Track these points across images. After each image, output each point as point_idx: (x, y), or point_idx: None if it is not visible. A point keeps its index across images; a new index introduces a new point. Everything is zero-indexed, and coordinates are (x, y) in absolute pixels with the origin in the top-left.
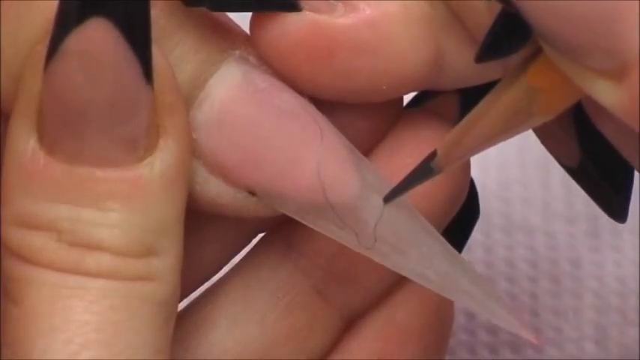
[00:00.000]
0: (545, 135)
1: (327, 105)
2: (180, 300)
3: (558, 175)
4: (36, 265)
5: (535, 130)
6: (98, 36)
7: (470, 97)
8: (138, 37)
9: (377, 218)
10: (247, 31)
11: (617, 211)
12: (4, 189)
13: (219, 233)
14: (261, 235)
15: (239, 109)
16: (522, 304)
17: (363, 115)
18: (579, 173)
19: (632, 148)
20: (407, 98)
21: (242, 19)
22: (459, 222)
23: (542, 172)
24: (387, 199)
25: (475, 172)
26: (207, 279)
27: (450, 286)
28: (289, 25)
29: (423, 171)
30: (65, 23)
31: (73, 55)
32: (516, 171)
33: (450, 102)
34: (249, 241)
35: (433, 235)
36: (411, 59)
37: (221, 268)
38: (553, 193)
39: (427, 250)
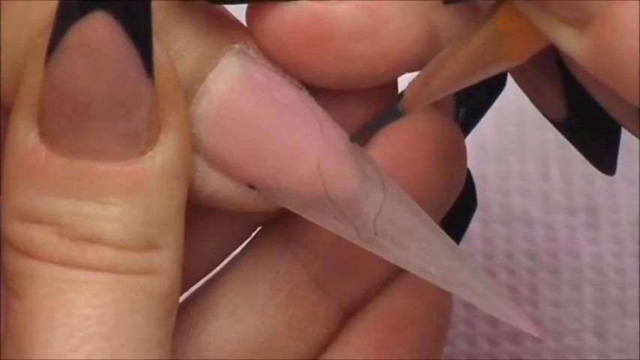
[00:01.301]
0: (531, 88)
1: (323, 96)
2: (182, 294)
3: (557, 167)
4: (37, 259)
5: (521, 85)
6: (100, 30)
7: (464, 89)
8: (139, 31)
9: (377, 212)
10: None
11: (606, 164)
12: (5, 183)
13: (219, 227)
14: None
15: (239, 103)
16: (521, 296)
17: (357, 105)
18: (566, 127)
19: (616, 105)
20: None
21: (241, 12)
22: (457, 213)
23: (541, 164)
24: (354, 139)
25: (474, 164)
26: (208, 273)
27: (449, 279)
28: (287, 15)
29: (390, 113)
30: (67, 17)
31: (74, 48)
32: (515, 163)
33: None
34: (250, 234)
35: (433, 229)
36: (407, 39)
37: (221, 262)
38: (552, 185)
39: (427, 244)
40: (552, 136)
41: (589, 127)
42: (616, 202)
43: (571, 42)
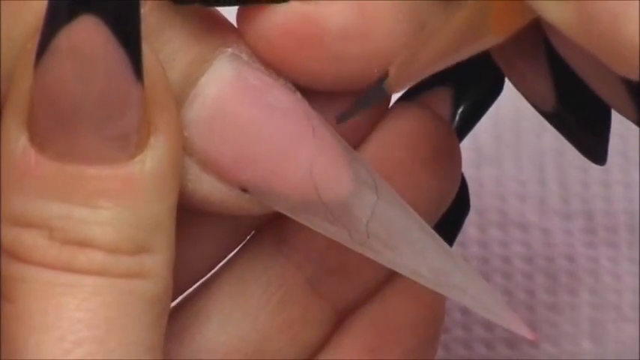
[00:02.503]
0: (519, 79)
1: (315, 99)
2: (175, 298)
3: (554, 171)
4: (28, 263)
5: (510, 77)
6: (88, 33)
7: (462, 89)
8: (128, 35)
9: (369, 215)
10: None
11: (597, 154)
12: None
13: (212, 231)
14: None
15: (231, 107)
16: (518, 300)
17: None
18: (555, 118)
19: (603, 83)
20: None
21: (233, 15)
22: (450, 216)
23: (537, 169)
24: (340, 120)
25: (471, 169)
26: (202, 277)
27: (442, 281)
28: (278, 16)
29: (375, 92)
30: (55, 21)
31: (63, 52)
32: (512, 168)
33: (442, 95)
34: (243, 239)
35: (426, 232)
36: (397, 36)
37: (215, 266)
38: (549, 190)
39: (420, 247)
40: (549, 141)
41: (578, 117)
42: (612, 207)
43: (556, 11)
